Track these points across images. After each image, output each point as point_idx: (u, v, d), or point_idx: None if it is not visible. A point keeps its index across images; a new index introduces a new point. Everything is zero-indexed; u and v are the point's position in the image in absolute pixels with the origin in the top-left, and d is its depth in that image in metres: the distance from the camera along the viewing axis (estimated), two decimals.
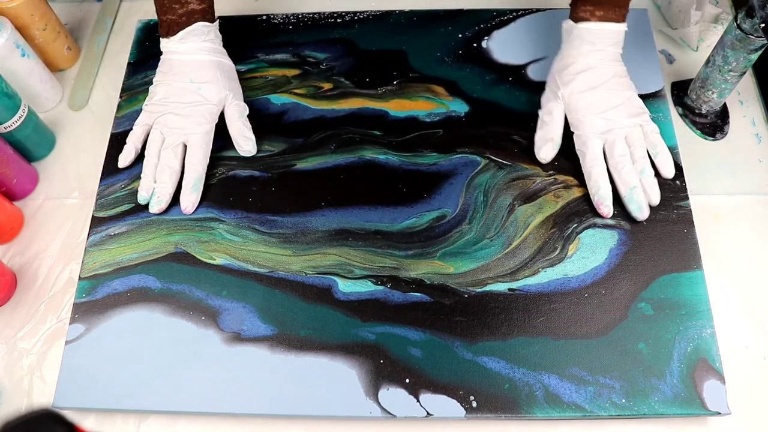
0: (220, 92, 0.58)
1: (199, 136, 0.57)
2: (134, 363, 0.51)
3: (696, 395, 0.48)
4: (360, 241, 0.55)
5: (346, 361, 0.50)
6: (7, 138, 0.60)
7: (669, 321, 0.50)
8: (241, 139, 0.59)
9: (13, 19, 0.62)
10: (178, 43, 0.58)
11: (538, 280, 0.53)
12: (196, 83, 0.58)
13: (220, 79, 0.59)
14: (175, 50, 0.59)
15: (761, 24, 0.50)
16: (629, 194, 0.54)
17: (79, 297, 0.54)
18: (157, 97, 0.58)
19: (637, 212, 0.54)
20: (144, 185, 0.57)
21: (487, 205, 0.56)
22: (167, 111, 0.58)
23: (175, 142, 0.57)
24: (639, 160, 0.54)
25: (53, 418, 0.31)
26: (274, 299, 0.53)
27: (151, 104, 0.59)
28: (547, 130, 0.57)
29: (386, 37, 0.67)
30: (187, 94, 0.58)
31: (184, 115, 0.57)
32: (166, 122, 0.57)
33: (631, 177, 0.54)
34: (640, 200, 0.53)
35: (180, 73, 0.58)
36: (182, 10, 0.57)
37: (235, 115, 0.59)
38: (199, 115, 0.57)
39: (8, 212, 0.59)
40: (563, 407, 0.48)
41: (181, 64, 0.58)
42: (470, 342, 0.50)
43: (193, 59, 0.58)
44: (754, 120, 0.62)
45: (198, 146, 0.57)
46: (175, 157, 0.56)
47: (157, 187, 0.57)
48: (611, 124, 0.55)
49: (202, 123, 0.57)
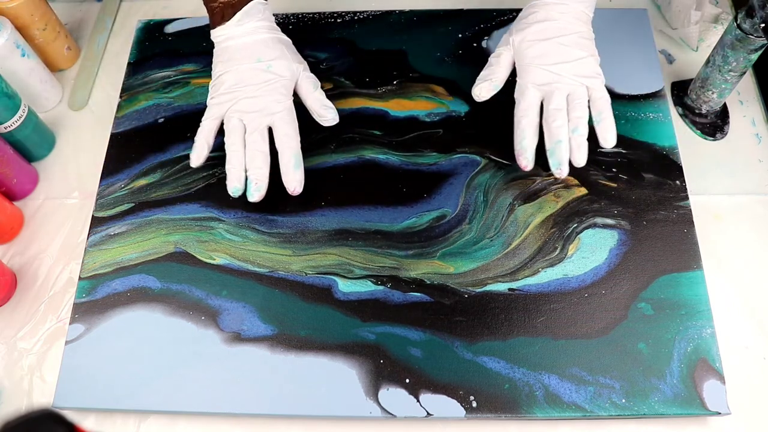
0: (290, 66, 0.56)
1: (284, 113, 0.55)
2: (134, 363, 0.51)
3: (696, 395, 0.48)
4: (360, 241, 0.55)
5: (346, 361, 0.50)
6: (7, 138, 0.60)
7: (669, 321, 0.50)
8: (322, 109, 0.57)
9: (13, 19, 0.62)
10: (236, 26, 0.56)
11: (538, 280, 0.53)
12: (265, 61, 0.55)
13: (286, 53, 0.56)
14: (233, 35, 0.56)
15: (761, 24, 0.50)
16: (552, 148, 0.51)
17: (79, 297, 0.54)
18: (225, 86, 0.56)
19: (555, 168, 0.51)
20: (234, 177, 0.54)
21: (487, 205, 0.56)
22: (242, 97, 0.55)
23: (259, 126, 0.54)
24: (574, 119, 0.51)
25: (53, 418, 0.31)
26: (274, 299, 0.53)
27: (220, 95, 0.56)
28: (489, 71, 0.55)
29: (386, 37, 0.67)
30: (258, 74, 0.55)
31: (260, 96, 0.55)
32: (244, 108, 0.55)
33: (559, 131, 0.51)
34: (561, 156, 0.51)
35: (245, 56, 0.56)
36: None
37: (310, 87, 0.57)
38: (276, 92, 0.55)
39: (8, 212, 0.59)
40: (563, 407, 0.48)
41: (243, 47, 0.56)
42: (470, 342, 0.50)
43: (255, 39, 0.56)
44: (754, 120, 0.62)
45: (286, 123, 0.55)
46: (263, 141, 0.54)
47: (252, 174, 0.53)
48: (554, 77, 0.52)
49: (282, 100, 0.55)
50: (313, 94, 0.57)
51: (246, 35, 0.56)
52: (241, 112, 0.55)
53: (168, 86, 0.65)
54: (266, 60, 0.55)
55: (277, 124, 0.55)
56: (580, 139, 0.51)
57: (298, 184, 0.54)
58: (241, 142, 0.54)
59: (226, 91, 0.55)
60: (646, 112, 0.60)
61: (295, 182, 0.54)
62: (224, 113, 0.55)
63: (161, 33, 0.69)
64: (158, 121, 0.63)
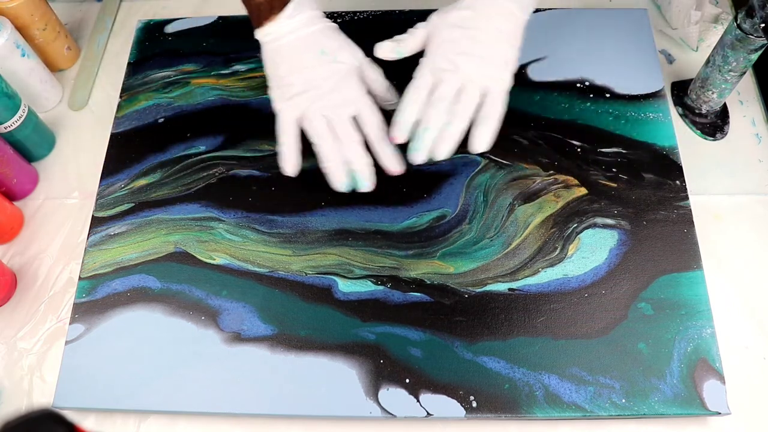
0: (355, 53, 0.54)
1: (365, 100, 0.53)
2: (134, 363, 0.51)
3: (696, 395, 0.48)
4: (360, 241, 0.55)
5: (346, 361, 0.50)
6: (7, 138, 0.60)
7: (669, 321, 0.50)
8: (388, 93, 0.55)
9: (13, 19, 0.62)
10: (288, 19, 0.52)
11: (538, 280, 0.53)
12: (329, 53, 0.53)
13: (345, 41, 0.54)
14: (287, 30, 0.53)
15: (761, 24, 0.50)
16: (418, 133, 0.50)
17: (79, 297, 0.54)
18: (297, 88, 0.53)
19: (411, 152, 0.50)
20: (338, 172, 0.52)
21: (487, 205, 0.56)
22: (319, 94, 0.52)
23: (346, 117, 0.52)
24: (453, 113, 0.50)
25: (53, 418, 0.31)
26: (274, 299, 0.53)
27: (294, 96, 0.53)
28: (401, 37, 0.54)
29: (386, 37, 0.66)
30: (326, 66, 0.52)
31: (335, 88, 0.52)
32: (326, 103, 0.52)
33: (432, 118, 0.49)
34: (424, 144, 0.49)
35: (306, 51, 0.53)
36: None
37: (375, 71, 0.55)
38: (350, 81, 0.53)
39: (8, 212, 0.59)
40: (563, 407, 0.48)
41: (300, 41, 0.53)
42: (470, 342, 0.50)
43: (312, 31, 0.53)
44: (754, 120, 0.62)
45: (370, 110, 0.53)
46: (356, 131, 0.52)
47: (357, 165, 0.52)
48: (452, 67, 0.50)
49: (357, 87, 0.53)
50: (379, 79, 0.55)
51: (301, 28, 0.53)
52: (322, 108, 0.52)
53: (168, 86, 0.65)
54: (330, 52, 0.53)
55: (362, 112, 0.53)
56: (449, 133, 0.49)
57: (399, 165, 0.53)
58: (331, 137, 0.53)
59: (300, 92, 0.53)
60: (646, 112, 0.60)
61: (396, 165, 0.53)
62: (302, 113, 0.53)
63: (161, 33, 0.69)
64: (158, 121, 0.63)
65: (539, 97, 0.62)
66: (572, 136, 0.59)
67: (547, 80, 0.63)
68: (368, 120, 0.53)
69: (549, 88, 0.62)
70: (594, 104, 0.61)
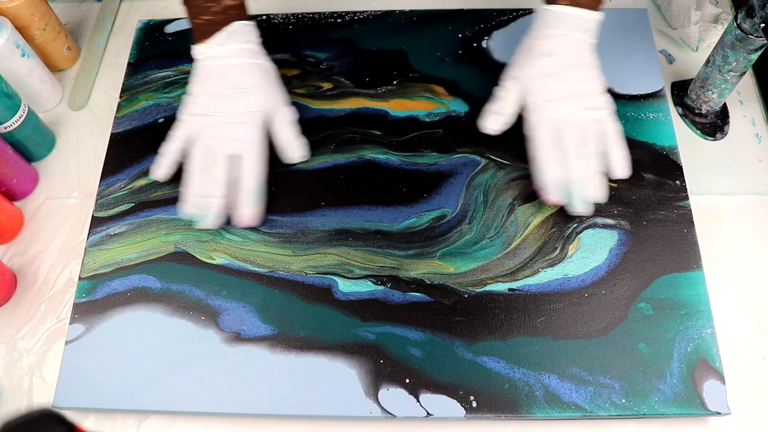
0: (268, 98, 0.55)
1: (254, 145, 0.54)
2: (134, 363, 0.51)
3: (696, 395, 0.48)
4: (360, 241, 0.55)
5: (346, 361, 0.50)
6: (7, 138, 0.60)
7: (669, 321, 0.50)
8: (291, 145, 0.57)
9: (13, 19, 0.62)
10: (218, 46, 0.54)
11: (538, 280, 0.53)
12: (242, 89, 0.54)
13: (265, 83, 0.55)
14: (215, 55, 0.54)
15: (761, 24, 0.50)
16: (575, 189, 0.52)
17: (79, 297, 0.54)
18: (199, 108, 0.55)
19: (579, 207, 0.52)
20: (193, 202, 0.54)
21: (487, 205, 0.56)
22: (214, 123, 0.54)
23: (225, 154, 0.53)
24: (585, 155, 0.52)
25: (53, 418, 0.31)
26: (274, 299, 0.53)
27: (193, 115, 0.55)
28: (499, 105, 0.55)
29: (386, 37, 0.67)
30: (233, 102, 0.54)
31: (234, 124, 0.54)
32: (214, 134, 0.54)
33: (579, 170, 0.52)
34: (585, 196, 0.52)
35: (222, 79, 0.54)
36: (218, 8, 0.53)
37: (284, 120, 0.56)
38: (249, 123, 0.54)
39: (8, 212, 0.59)
40: (563, 407, 0.48)
41: (223, 70, 0.54)
42: (470, 342, 0.50)
43: (235, 63, 0.54)
44: (754, 120, 0.62)
45: (254, 155, 0.54)
46: (224, 171, 0.53)
47: (207, 202, 0.54)
48: (564, 114, 0.53)
49: (254, 131, 0.54)
50: (286, 128, 0.56)
51: (228, 57, 0.54)
52: (210, 137, 0.54)
53: (168, 86, 0.65)
54: (243, 88, 0.54)
55: (247, 155, 0.54)
56: (596, 176, 0.52)
57: (250, 218, 0.54)
58: (204, 168, 0.54)
59: (199, 113, 0.55)
60: (646, 112, 0.60)
61: (248, 216, 0.54)
62: (193, 134, 0.55)
63: (161, 33, 0.69)
64: (158, 121, 0.63)
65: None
66: None
67: None
68: (246, 165, 0.54)
69: None
70: None
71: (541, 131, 0.53)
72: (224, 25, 0.54)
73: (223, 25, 0.54)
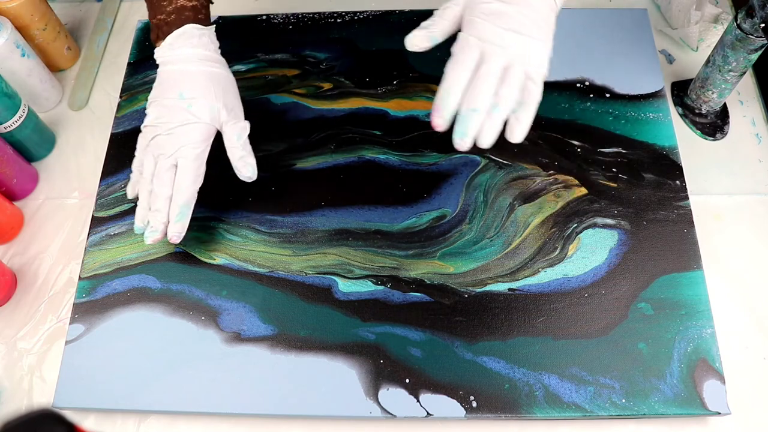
0: (212, 109, 0.52)
1: (188, 160, 0.51)
2: (134, 363, 0.51)
3: (696, 395, 0.48)
4: (360, 241, 0.55)
5: (346, 361, 0.50)
6: (7, 138, 0.60)
7: (669, 321, 0.50)
8: (240, 164, 0.53)
9: (13, 19, 0.62)
10: (168, 49, 0.52)
11: (538, 280, 0.53)
12: (187, 99, 0.51)
13: (213, 93, 0.52)
14: (166, 59, 0.52)
15: (761, 24, 0.50)
16: (464, 115, 0.44)
17: (79, 297, 0.54)
18: (149, 118, 0.53)
19: (458, 136, 0.44)
20: (139, 215, 0.53)
21: (487, 205, 0.56)
22: (158, 133, 0.52)
23: (165, 166, 0.51)
24: (500, 95, 0.44)
25: (53, 418, 0.31)
26: (274, 299, 0.53)
27: (145, 127, 0.53)
28: (430, 21, 0.48)
29: (386, 37, 0.67)
30: (178, 112, 0.51)
31: (175, 134, 0.51)
32: (158, 144, 0.52)
33: (480, 98, 0.44)
34: (472, 128, 0.44)
35: (170, 87, 0.52)
36: (171, 7, 0.51)
37: (232, 138, 0.53)
38: (192, 133, 0.51)
39: (8, 212, 0.59)
40: (563, 407, 0.48)
41: (171, 76, 0.52)
42: (470, 342, 0.50)
43: (183, 69, 0.52)
44: (754, 120, 0.62)
45: (187, 170, 0.51)
46: (168, 183, 0.51)
47: (151, 216, 0.52)
48: (501, 42, 0.45)
49: (192, 144, 0.51)
50: (235, 146, 0.53)
51: (176, 63, 0.52)
52: (155, 148, 0.52)
53: None
54: (188, 98, 0.51)
55: (179, 169, 0.51)
56: (494, 118, 0.44)
57: (175, 235, 0.52)
58: (150, 180, 0.52)
59: (149, 124, 0.53)
60: (646, 112, 0.60)
61: (173, 233, 0.52)
62: (145, 145, 0.53)
63: None
64: None
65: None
66: (572, 136, 0.59)
67: (547, 80, 0.62)
68: (179, 178, 0.51)
69: (549, 88, 0.62)
70: (594, 104, 0.61)
71: (466, 50, 0.45)
72: (177, 27, 0.51)
73: (176, 26, 0.51)
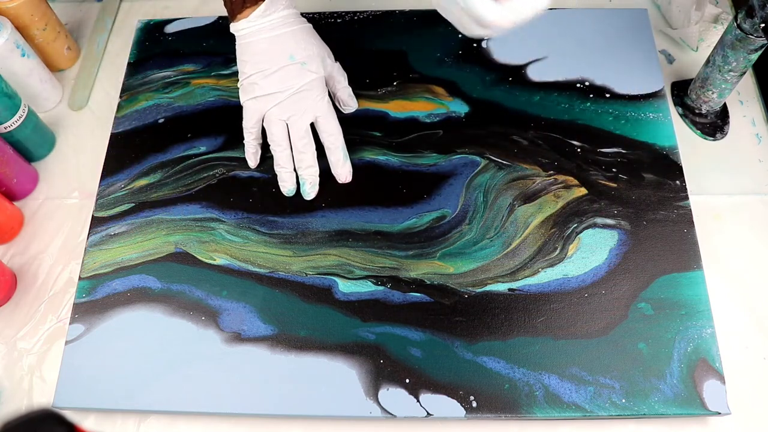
0: (324, 61, 0.56)
1: (326, 108, 0.55)
2: (134, 363, 0.51)
3: (696, 395, 0.48)
4: (360, 242, 0.55)
5: (346, 361, 0.50)
6: (7, 138, 0.60)
7: (669, 321, 0.50)
8: (350, 99, 0.60)
9: (13, 19, 0.62)
10: (260, 17, 0.52)
11: (538, 280, 0.53)
12: (299, 60, 0.54)
13: (314, 46, 0.55)
14: (258, 28, 0.53)
15: (761, 24, 0.50)
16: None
17: (79, 297, 0.54)
18: (261, 88, 0.54)
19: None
20: (286, 178, 0.56)
21: (487, 206, 0.56)
22: (281, 99, 0.54)
23: (305, 125, 0.55)
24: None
25: (53, 418, 0.31)
26: (274, 299, 0.53)
27: (257, 98, 0.55)
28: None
29: (386, 37, 0.67)
30: (294, 73, 0.54)
31: (302, 94, 0.54)
32: (286, 109, 0.54)
33: None
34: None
35: (276, 53, 0.53)
36: None
37: (342, 79, 0.59)
38: (315, 90, 0.55)
39: (8, 212, 0.59)
40: (563, 407, 0.48)
41: (272, 43, 0.53)
42: (470, 342, 0.50)
43: (284, 33, 0.53)
44: (754, 120, 0.62)
45: (330, 120, 0.56)
46: (310, 140, 0.55)
47: (304, 173, 0.56)
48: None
49: (322, 96, 0.55)
50: (344, 86, 0.59)
51: (274, 29, 0.53)
52: (282, 113, 0.55)
53: (168, 86, 0.65)
54: (299, 59, 0.54)
55: (320, 122, 0.55)
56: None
57: (348, 174, 0.57)
58: (286, 142, 0.55)
59: (263, 94, 0.54)
60: (646, 112, 0.60)
61: (346, 173, 0.57)
62: (263, 115, 0.55)
63: (161, 33, 0.69)
64: (158, 121, 0.63)
65: (539, 97, 0.62)
66: (572, 136, 0.59)
67: (547, 80, 0.63)
68: (325, 128, 0.55)
69: (549, 88, 0.62)
70: (594, 104, 0.61)
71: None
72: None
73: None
